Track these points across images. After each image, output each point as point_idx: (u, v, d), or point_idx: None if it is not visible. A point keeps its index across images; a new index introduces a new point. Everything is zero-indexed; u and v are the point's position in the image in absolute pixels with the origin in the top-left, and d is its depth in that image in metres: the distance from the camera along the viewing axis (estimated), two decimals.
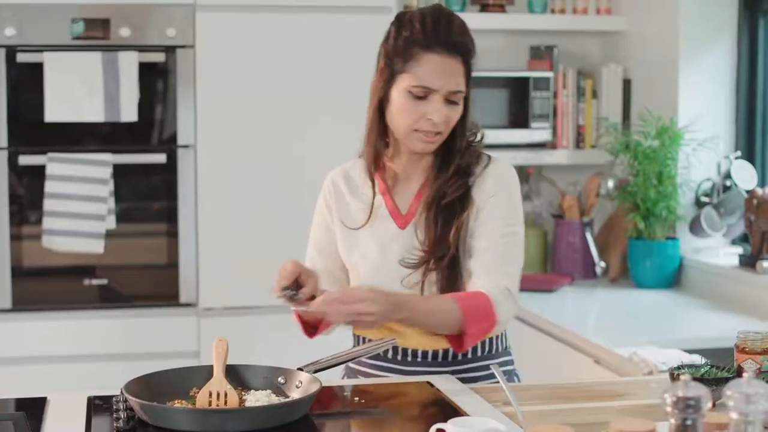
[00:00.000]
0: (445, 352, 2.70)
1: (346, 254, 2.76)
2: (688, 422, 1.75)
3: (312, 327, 2.75)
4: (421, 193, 2.72)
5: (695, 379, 2.16)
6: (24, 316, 4.24)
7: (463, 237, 2.66)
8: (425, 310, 2.57)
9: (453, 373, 2.70)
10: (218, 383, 2.38)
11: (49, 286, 4.30)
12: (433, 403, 2.50)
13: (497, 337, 2.77)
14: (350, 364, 2.81)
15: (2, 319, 4.23)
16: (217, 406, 2.34)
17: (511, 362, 2.83)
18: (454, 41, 2.60)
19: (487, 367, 2.71)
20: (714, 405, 2.37)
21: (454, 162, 2.67)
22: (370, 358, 2.76)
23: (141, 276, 4.30)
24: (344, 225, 2.75)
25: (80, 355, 4.26)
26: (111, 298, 4.32)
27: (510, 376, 2.79)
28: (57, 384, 4.10)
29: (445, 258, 2.64)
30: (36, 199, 4.21)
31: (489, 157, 2.76)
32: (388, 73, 2.66)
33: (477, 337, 2.62)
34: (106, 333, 4.28)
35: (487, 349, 2.76)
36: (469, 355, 2.73)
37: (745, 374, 1.77)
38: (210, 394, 2.36)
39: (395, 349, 2.72)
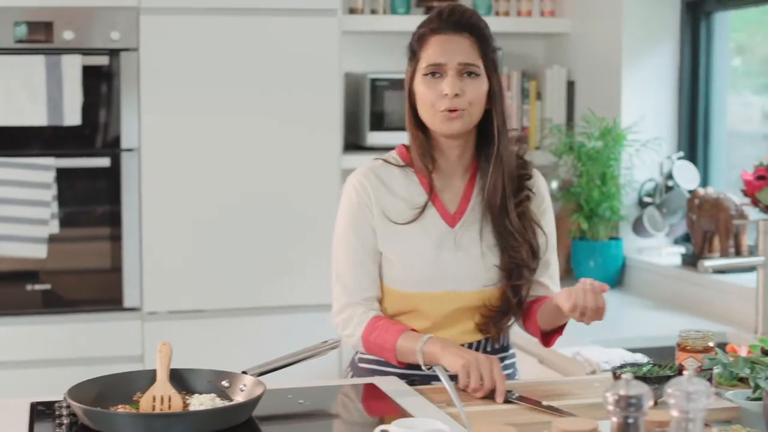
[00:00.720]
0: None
1: (390, 248, 2.75)
2: (630, 420, 1.76)
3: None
4: (469, 192, 2.76)
5: (637, 377, 2.18)
6: None
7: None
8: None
9: None
10: (162, 387, 2.37)
11: None
12: (378, 404, 2.50)
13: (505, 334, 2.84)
14: (359, 364, 2.82)
15: None
16: (161, 410, 2.33)
17: (513, 356, 2.90)
18: (460, 21, 2.68)
19: (501, 359, 2.79)
20: (656, 403, 2.39)
21: (505, 153, 2.70)
22: (382, 364, 2.76)
23: (84, 280, 4.28)
24: (389, 220, 2.74)
25: (23, 361, 4.22)
26: (54, 303, 4.28)
27: (513, 372, 2.88)
28: (1, 390, 4.07)
29: (533, 269, 2.75)
30: None
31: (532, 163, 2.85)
32: (410, 69, 2.74)
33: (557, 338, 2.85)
34: (49, 338, 4.25)
35: (496, 345, 2.81)
36: (488, 350, 2.77)
37: (685, 372, 1.78)
38: (154, 399, 2.36)
39: None
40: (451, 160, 2.75)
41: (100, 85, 4.28)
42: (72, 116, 4.18)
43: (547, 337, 2.81)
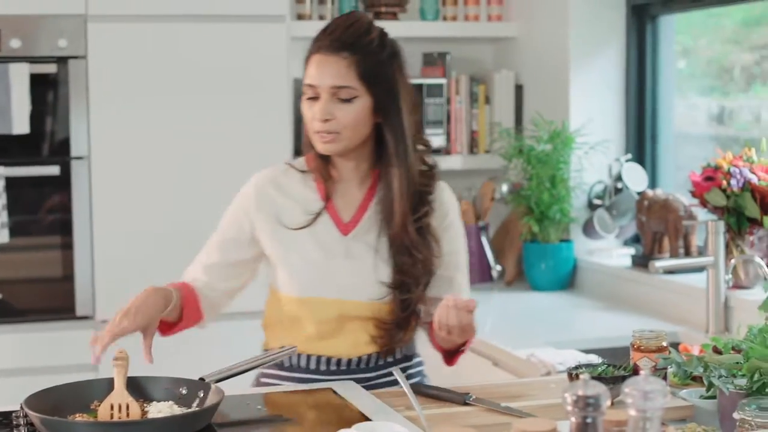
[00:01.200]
0: (358, 359, 2.75)
1: (280, 253, 2.76)
2: (588, 420, 1.78)
3: (168, 324, 2.79)
4: (366, 202, 2.75)
5: (593, 378, 2.20)
6: None
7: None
8: None
9: (365, 380, 2.74)
10: (119, 395, 2.37)
11: None
12: (337, 409, 2.51)
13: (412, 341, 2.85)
14: (261, 378, 2.83)
15: None
16: (119, 418, 2.33)
17: (420, 364, 2.90)
18: (340, 39, 2.64)
19: (402, 370, 2.74)
20: (612, 403, 2.41)
21: (405, 169, 2.69)
22: (277, 368, 2.77)
23: (36, 290, 4.25)
24: (281, 224, 2.75)
25: None
26: (5, 313, 4.25)
27: (421, 379, 2.87)
28: None
29: (421, 286, 2.73)
30: None
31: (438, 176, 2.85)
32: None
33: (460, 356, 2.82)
34: (1, 348, 4.22)
35: (397, 356, 2.80)
36: (381, 362, 2.78)
37: (642, 372, 1.81)
38: (112, 407, 2.35)
39: (318, 358, 2.74)
40: (347, 170, 2.75)
41: (49, 93, 4.26)
42: (20, 125, 4.16)
43: (449, 355, 2.80)
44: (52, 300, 4.26)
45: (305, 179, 2.78)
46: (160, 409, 2.35)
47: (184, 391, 2.44)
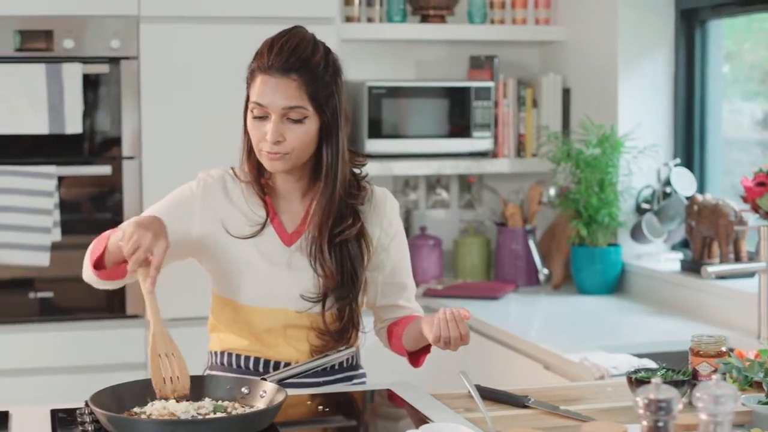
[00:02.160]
0: None
1: (224, 261, 2.76)
2: (660, 424, 1.79)
3: (104, 266, 2.71)
4: (307, 214, 2.75)
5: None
6: None
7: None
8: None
9: (323, 384, 2.75)
10: (162, 340, 2.43)
11: None
12: (397, 409, 2.52)
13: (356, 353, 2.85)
14: (210, 371, 2.85)
15: None
16: (171, 378, 2.38)
17: (363, 375, 2.89)
18: (287, 62, 2.63)
19: (348, 378, 2.81)
20: None
21: (332, 186, 2.70)
22: (225, 369, 2.78)
23: (87, 288, 4.22)
24: (226, 231, 2.75)
25: (25, 369, 4.22)
26: (56, 311, 4.29)
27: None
28: (4, 398, 4.06)
29: (350, 297, 2.73)
30: None
31: (370, 187, 2.82)
32: (245, 99, 2.74)
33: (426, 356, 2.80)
34: (51, 346, 4.25)
35: (349, 362, 2.82)
36: (336, 367, 2.79)
37: (714, 376, 1.81)
38: (159, 356, 2.41)
39: (266, 362, 2.75)
40: (287, 184, 2.76)
41: (101, 93, 4.30)
42: (73, 124, 4.19)
43: (415, 356, 2.80)
44: (103, 298, 4.28)
45: (248, 189, 2.78)
46: (224, 408, 2.37)
47: (246, 391, 2.46)
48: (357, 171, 2.80)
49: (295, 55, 2.64)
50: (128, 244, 2.47)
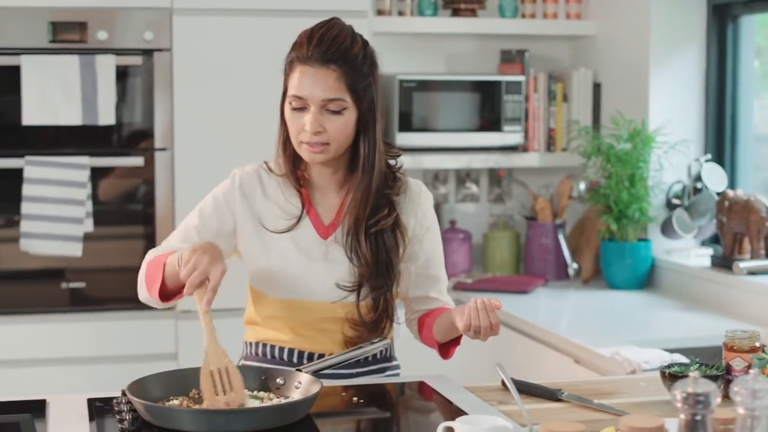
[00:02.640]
0: None
1: (261, 255, 2.77)
2: (698, 418, 1.79)
3: (168, 293, 2.72)
4: (343, 206, 2.76)
5: (685, 377, 2.22)
6: (1, 319, 4.23)
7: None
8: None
9: (357, 375, 2.76)
10: (215, 355, 2.42)
11: (25, 289, 4.29)
12: (431, 401, 2.53)
13: (390, 344, 2.86)
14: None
15: None
16: (222, 387, 2.38)
17: (397, 367, 2.89)
18: (327, 52, 2.63)
19: (382, 370, 2.82)
20: None
21: (369, 178, 2.71)
22: (260, 360, 2.80)
23: (118, 279, 4.29)
24: (263, 226, 2.76)
25: (57, 359, 4.25)
26: (88, 301, 4.32)
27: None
28: (35, 387, 4.09)
29: (385, 287, 2.74)
30: (13, 202, 4.20)
31: (405, 178, 2.83)
32: (283, 90, 2.73)
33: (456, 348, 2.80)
34: (83, 336, 4.28)
35: (383, 354, 2.83)
36: (370, 359, 2.80)
37: (751, 372, 1.81)
38: (212, 374, 2.39)
39: (301, 353, 2.76)
40: (324, 177, 2.77)
41: (134, 84, 4.32)
42: (106, 116, 4.22)
43: (445, 348, 2.80)
44: (134, 289, 4.26)
45: (284, 182, 2.79)
46: (261, 399, 2.39)
47: (281, 381, 2.47)
48: (392, 162, 2.81)
49: (335, 46, 2.64)
50: (185, 267, 2.48)
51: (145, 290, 2.72)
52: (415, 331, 2.89)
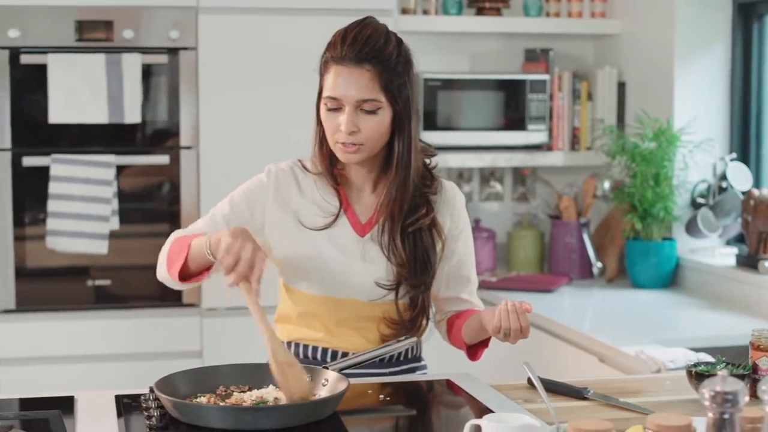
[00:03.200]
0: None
1: (297, 252, 2.75)
2: (726, 416, 1.79)
3: (188, 273, 2.68)
4: (379, 205, 2.75)
5: (711, 376, 2.21)
6: (27, 316, 4.26)
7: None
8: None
9: (385, 375, 2.76)
10: (282, 350, 2.43)
11: (52, 286, 4.31)
12: (458, 399, 2.54)
13: (419, 344, 2.86)
14: None
15: (6, 319, 4.25)
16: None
17: (425, 367, 2.89)
18: (362, 52, 2.62)
19: (410, 370, 2.82)
20: None
21: (403, 176, 2.70)
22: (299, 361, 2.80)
23: (144, 276, 4.30)
24: (300, 222, 2.75)
25: (83, 356, 4.28)
26: (113, 299, 4.34)
27: None
28: (61, 384, 4.12)
29: (423, 286, 2.74)
30: (40, 200, 4.22)
31: (440, 180, 2.83)
32: (318, 90, 2.73)
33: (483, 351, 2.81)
34: (108, 333, 4.30)
35: (412, 353, 2.84)
36: (401, 358, 2.80)
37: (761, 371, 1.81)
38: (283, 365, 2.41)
39: (334, 353, 2.76)
40: (360, 176, 2.76)
41: (159, 83, 4.34)
42: (132, 114, 4.24)
43: (473, 350, 2.80)
44: (160, 287, 4.26)
45: (320, 180, 2.78)
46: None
47: (308, 379, 2.48)
48: (428, 161, 2.81)
49: (369, 45, 2.62)
50: (227, 255, 2.44)
51: (165, 269, 2.71)
52: (443, 332, 2.89)
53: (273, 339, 2.45)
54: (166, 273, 2.71)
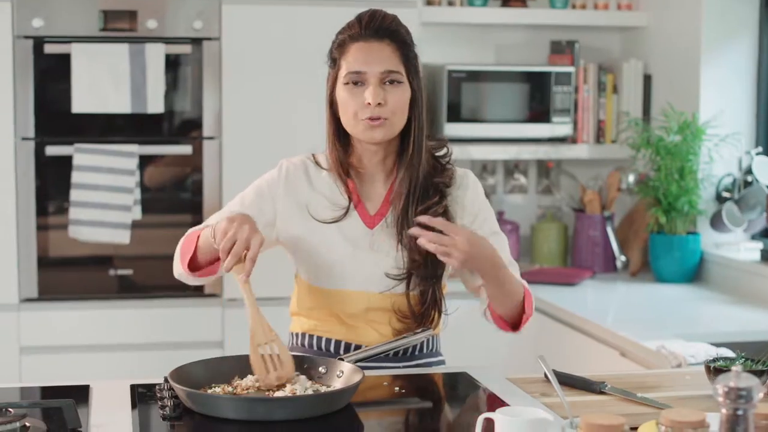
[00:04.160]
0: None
1: (308, 245, 2.75)
2: (739, 412, 1.77)
3: (198, 265, 2.70)
4: (389, 195, 2.75)
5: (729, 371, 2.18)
6: (49, 305, 4.27)
7: None
8: (507, 277, 2.65)
9: (401, 369, 2.73)
10: (262, 332, 2.45)
11: (74, 275, 4.32)
12: (473, 392, 2.52)
13: (436, 338, 2.84)
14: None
15: (28, 308, 4.26)
16: (273, 364, 2.41)
17: (442, 362, 2.86)
18: (380, 28, 2.67)
19: (427, 365, 2.78)
20: None
21: (417, 163, 2.70)
22: (305, 351, 2.79)
23: (166, 266, 4.26)
24: (310, 215, 2.75)
25: (105, 345, 4.29)
26: (135, 289, 4.35)
27: None
28: (82, 372, 4.13)
29: (434, 277, 2.71)
30: (62, 190, 4.23)
31: (453, 168, 2.81)
32: (331, 77, 2.73)
33: (526, 321, 2.72)
34: (130, 323, 4.31)
35: (429, 348, 2.81)
36: (416, 353, 2.78)
37: None
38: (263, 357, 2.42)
39: (347, 345, 2.75)
40: (373, 164, 2.75)
41: (183, 73, 4.34)
42: (155, 104, 4.24)
43: (514, 323, 2.74)
44: None
45: (330, 175, 2.78)
46: (306, 387, 2.39)
47: (323, 370, 2.47)
48: (440, 152, 2.79)
49: (385, 24, 2.69)
50: (224, 238, 2.46)
51: (179, 264, 2.72)
52: (490, 321, 2.80)
53: (255, 320, 2.48)
54: (180, 268, 2.71)
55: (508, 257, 2.81)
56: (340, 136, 2.74)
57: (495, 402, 2.38)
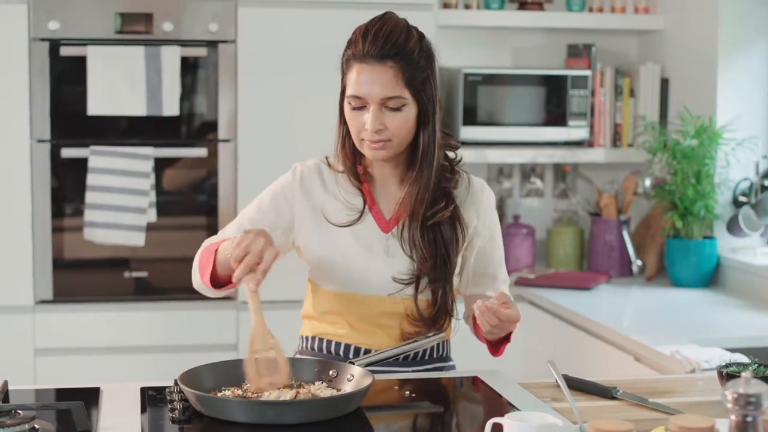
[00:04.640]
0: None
1: (322, 249, 2.75)
2: (749, 419, 1.76)
3: (221, 281, 2.69)
4: (403, 199, 2.74)
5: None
6: (64, 307, 4.28)
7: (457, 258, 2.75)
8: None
9: (412, 373, 2.73)
10: (261, 340, 2.44)
11: (89, 277, 4.33)
12: (484, 397, 2.52)
13: (447, 343, 2.84)
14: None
15: (43, 310, 4.27)
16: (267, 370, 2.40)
17: (453, 367, 2.87)
18: (383, 48, 2.60)
19: (437, 369, 2.78)
20: None
21: (429, 170, 2.68)
22: (317, 354, 2.78)
23: (181, 269, 4.29)
24: (325, 219, 2.74)
25: (119, 347, 4.30)
26: (150, 291, 4.35)
27: None
28: (97, 375, 4.14)
29: (443, 280, 2.71)
30: (78, 192, 4.24)
31: (467, 175, 2.80)
32: (341, 88, 2.71)
33: (506, 344, 2.75)
34: (144, 325, 4.31)
35: (439, 353, 2.81)
36: (426, 357, 2.77)
37: None
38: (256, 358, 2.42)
39: (357, 349, 2.74)
40: (386, 171, 2.74)
41: (198, 76, 4.34)
42: (170, 106, 4.24)
43: (495, 346, 2.75)
44: None
45: (344, 178, 2.76)
46: (316, 391, 2.38)
47: (333, 374, 2.47)
48: (451, 156, 2.79)
49: (390, 42, 2.60)
50: (237, 248, 2.45)
51: (198, 277, 2.72)
52: (471, 328, 2.87)
53: (257, 328, 2.47)
54: (200, 281, 2.73)
55: (504, 273, 2.86)
56: (349, 143, 2.73)
57: (505, 407, 2.37)
